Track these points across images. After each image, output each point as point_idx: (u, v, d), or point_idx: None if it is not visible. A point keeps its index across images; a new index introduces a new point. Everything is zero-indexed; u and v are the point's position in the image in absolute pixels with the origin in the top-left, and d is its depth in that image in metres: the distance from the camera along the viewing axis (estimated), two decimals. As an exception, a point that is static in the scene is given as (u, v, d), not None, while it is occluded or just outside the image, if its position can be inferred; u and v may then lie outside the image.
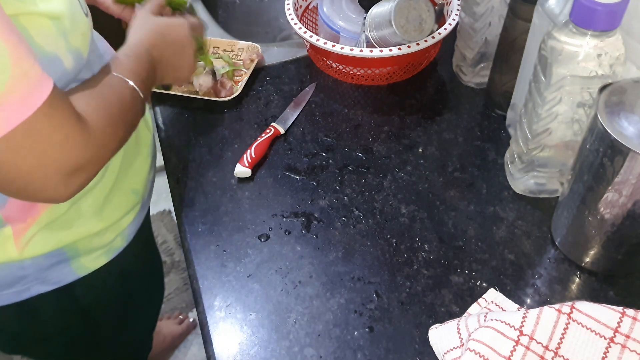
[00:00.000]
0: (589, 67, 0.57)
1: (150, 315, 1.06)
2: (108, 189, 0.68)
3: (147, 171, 0.76)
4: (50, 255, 0.65)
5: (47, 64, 0.51)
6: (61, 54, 0.53)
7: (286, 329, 0.61)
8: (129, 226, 0.74)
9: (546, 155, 0.67)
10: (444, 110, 0.86)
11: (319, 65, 0.94)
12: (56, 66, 0.53)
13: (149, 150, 0.77)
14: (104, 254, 0.72)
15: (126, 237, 0.74)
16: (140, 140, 0.75)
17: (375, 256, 0.67)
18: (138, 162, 0.74)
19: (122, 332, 0.91)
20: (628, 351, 0.49)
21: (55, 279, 0.68)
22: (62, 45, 0.53)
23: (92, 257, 0.70)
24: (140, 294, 0.92)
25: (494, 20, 0.78)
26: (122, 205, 0.71)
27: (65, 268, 0.68)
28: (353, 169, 0.77)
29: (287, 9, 0.92)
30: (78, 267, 0.69)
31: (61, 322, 0.78)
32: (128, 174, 0.71)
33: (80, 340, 0.84)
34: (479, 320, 0.54)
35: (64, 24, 0.53)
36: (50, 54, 0.52)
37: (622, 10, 0.54)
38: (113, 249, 0.73)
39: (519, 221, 0.69)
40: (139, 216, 0.76)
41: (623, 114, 0.52)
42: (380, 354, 0.58)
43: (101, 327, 0.84)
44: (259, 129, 0.84)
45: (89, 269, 0.71)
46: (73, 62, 0.55)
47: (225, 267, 0.67)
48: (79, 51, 0.56)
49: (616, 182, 0.53)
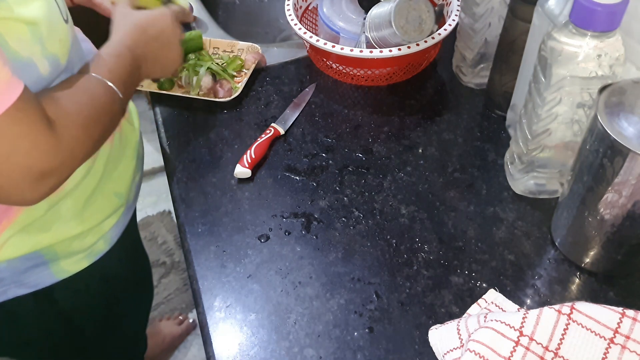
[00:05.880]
0: (589, 67, 0.57)
1: (138, 318, 1.04)
2: (89, 192, 0.66)
3: (131, 174, 0.75)
4: (26, 258, 0.64)
5: (22, 68, 0.50)
6: (37, 60, 0.53)
7: (286, 330, 0.61)
8: (111, 229, 0.72)
9: (546, 156, 0.67)
10: (444, 110, 0.86)
11: (318, 65, 0.94)
12: (31, 71, 0.52)
13: (134, 153, 0.76)
14: (85, 257, 0.70)
15: (109, 240, 0.73)
16: (125, 142, 0.73)
17: (375, 257, 0.67)
18: (123, 164, 0.72)
19: (109, 336, 0.89)
20: (628, 352, 0.49)
21: (33, 282, 0.67)
22: (38, 51, 0.53)
23: (72, 260, 0.69)
24: (126, 298, 0.90)
25: (493, 21, 0.78)
26: (104, 208, 0.70)
27: (44, 271, 0.67)
28: (353, 170, 0.77)
29: (287, 9, 0.92)
30: (58, 270, 0.68)
31: (41, 326, 0.77)
32: (112, 177, 0.70)
33: (64, 344, 0.83)
34: (479, 321, 0.54)
35: (40, 30, 0.52)
36: (25, 59, 0.51)
37: (621, 11, 0.54)
38: (95, 253, 0.71)
39: (518, 222, 0.69)
40: (122, 219, 0.75)
41: (623, 114, 0.52)
42: (380, 355, 0.58)
43: (85, 331, 0.83)
44: (259, 129, 0.84)
45: (69, 273, 0.69)
46: (49, 67, 0.55)
47: (225, 268, 0.67)
48: (56, 57, 0.55)
49: (616, 183, 0.53)
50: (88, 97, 0.56)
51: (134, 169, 0.76)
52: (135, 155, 0.76)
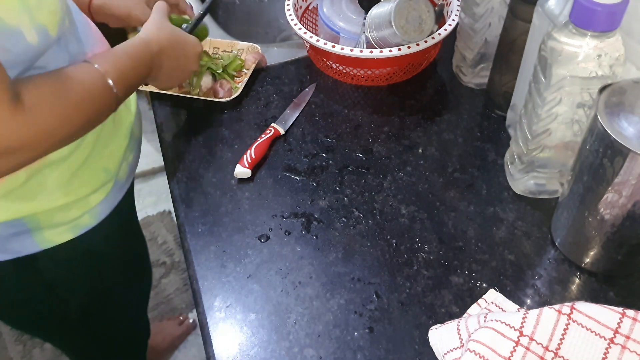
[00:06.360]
0: (589, 67, 0.57)
1: (132, 300, 1.04)
2: (77, 165, 0.67)
3: (122, 152, 0.75)
4: (8, 224, 0.65)
5: (10, 36, 0.52)
6: (24, 29, 0.53)
7: (286, 330, 0.61)
8: (98, 205, 0.73)
9: (546, 156, 0.67)
10: (444, 110, 0.86)
11: (319, 65, 0.94)
12: (19, 40, 0.53)
13: (127, 132, 0.76)
14: (69, 229, 0.71)
15: (95, 215, 0.73)
16: (119, 122, 0.74)
17: (375, 257, 0.67)
18: (115, 143, 0.73)
19: (98, 314, 0.90)
20: (628, 352, 0.49)
21: (16, 248, 0.68)
22: (26, 20, 0.53)
23: (56, 231, 0.70)
24: (115, 276, 0.90)
25: (493, 21, 0.79)
26: (91, 182, 0.70)
27: (27, 239, 0.68)
28: (353, 170, 0.77)
29: (287, 9, 0.92)
30: (41, 240, 0.69)
31: (25, 292, 0.78)
32: (102, 154, 0.71)
33: (47, 312, 0.84)
34: (479, 321, 0.54)
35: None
36: (13, 27, 0.52)
37: (621, 11, 0.54)
38: (80, 226, 0.72)
39: (518, 222, 0.69)
40: (111, 196, 0.75)
41: (623, 114, 0.52)
42: (380, 355, 0.58)
43: (69, 302, 0.83)
44: (259, 129, 0.84)
45: (53, 243, 0.70)
46: (37, 37, 0.55)
47: (225, 268, 0.67)
48: (45, 28, 0.56)
49: (616, 183, 0.53)
50: (74, 83, 0.57)
51: (126, 148, 0.76)
52: (128, 134, 0.77)
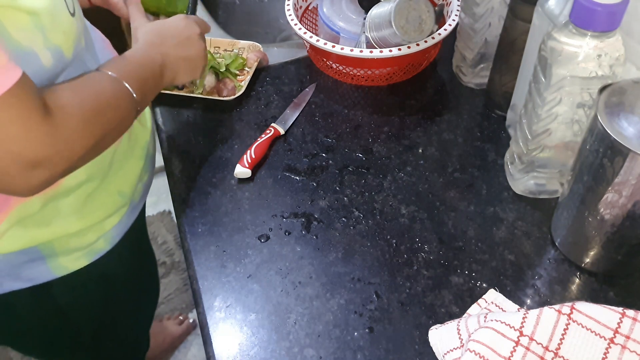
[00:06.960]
0: (589, 67, 0.57)
1: (140, 318, 1.03)
2: (92, 189, 0.66)
3: (138, 174, 0.74)
4: (23, 252, 0.64)
5: (23, 58, 0.51)
6: (38, 50, 0.53)
7: (286, 330, 0.61)
8: (113, 228, 0.71)
9: (546, 156, 0.67)
10: (444, 110, 0.86)
11: (319, 65, 0.94)
12: (32, 61, 0.52)
13: (143, 153, 0.75)
14: (84, 255, 0.70)
15: (110, 239, 0.72)
16: (135, 142, 0.73)
17: (375, 257, 0.67)
18: (130, 163, 0.72)
19: (106, 334, 0.89)
20: (628, 352, 0.49)
21: (30, 276, 0.67)
22: (40, 41, 0.53)
23: (71, 257, 0.68)
24: (126, 298, 0.90)
25: (493, 21, 0.78)
26: (106, 206, 0.69)
27: (41, 266, 0.66)
28: (353, 170, 0.77)
29: (287, 9, 0.92)
30: (56, 266, 0.68)
31: (38, 319, 0.77)
32: (117, 175, 0.69)
33: (60, 338, 0.83)
34: (479, 321, 0.54)
35: (42, 20, 0.52)
36: (27, 49, 0.51)
37: (621, 11, 0.54)
38: (95, 251, 0.71)
39: (518, 222, 0.69)
40: (125, 219, 0.74)
41: (623, 114, 0.52)
42: (380, 355, 0.58)
43: (80, 328, 0.83)
44: (259, 129, 0.84)
45: (67, 270, 0.69)
46: (52, 59, 0.54)
47: (225, 268, 0.67)
48: (59, 49, 0.55)
49: (616, 183, 0.53)
50: (94, 91, 0.56)
51: (141, 169, 0.75)
52: (144, 155, 0.75)
